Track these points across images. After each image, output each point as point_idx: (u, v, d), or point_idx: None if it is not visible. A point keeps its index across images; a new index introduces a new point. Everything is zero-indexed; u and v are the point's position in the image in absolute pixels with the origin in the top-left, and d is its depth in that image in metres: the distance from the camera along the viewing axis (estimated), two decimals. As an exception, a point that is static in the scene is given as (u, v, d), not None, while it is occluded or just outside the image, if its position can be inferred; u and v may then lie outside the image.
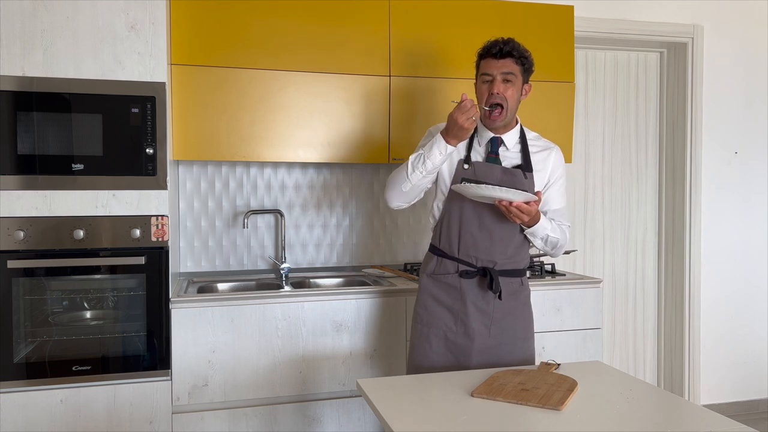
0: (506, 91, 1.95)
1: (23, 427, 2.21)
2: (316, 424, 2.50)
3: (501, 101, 1.94)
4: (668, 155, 3.72)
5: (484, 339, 2.01)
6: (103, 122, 2.26)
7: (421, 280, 2.12)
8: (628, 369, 3.73)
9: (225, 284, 2.77)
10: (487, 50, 1.97)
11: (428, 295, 2.08)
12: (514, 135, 2.04)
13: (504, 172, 1.99)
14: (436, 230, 2.11)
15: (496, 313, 2.02)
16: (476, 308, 2.02)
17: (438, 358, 2.04)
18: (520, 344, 2.06)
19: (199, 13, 2.55)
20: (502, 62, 1.94)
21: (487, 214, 1.99)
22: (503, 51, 1.93)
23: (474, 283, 2.02)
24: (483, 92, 1.98)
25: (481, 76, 1.99)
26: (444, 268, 2.06)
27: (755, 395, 3.76)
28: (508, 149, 2.03)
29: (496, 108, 1.95)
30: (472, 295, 2.02)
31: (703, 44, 3.56)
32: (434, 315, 2.06)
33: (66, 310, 2.32)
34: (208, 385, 2.37)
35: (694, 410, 1.53)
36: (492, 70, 1.95)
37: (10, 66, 2.18)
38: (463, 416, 1.43)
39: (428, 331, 2.06)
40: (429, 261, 2.12)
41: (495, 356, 2.02)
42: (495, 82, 1.94)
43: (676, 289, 3.68)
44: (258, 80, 2.62)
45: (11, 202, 2.20)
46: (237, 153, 2.62)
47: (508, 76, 1.95)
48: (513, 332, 2.04)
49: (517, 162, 2.03)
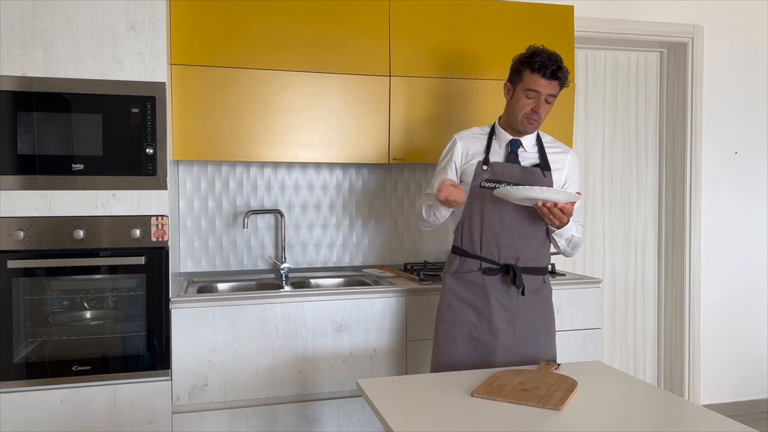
0: (546, 111, 2.04)
1: (23, 427, 2.21)
2: (316, 424, 2.50)
3: (540, 120, 2.04)
4: (668, 155, 3.72)
5: (508, 336, 2.05)
6: (103, 122, 2.26)
7: (445, 280, 2.16)
8: (628, 369, 3.73)
9: (225, 284, 2.77)
10: (541, 67, 1.98)
11: (452, 293, 2.12)
12: (532, 138, 2.12)
13: (523, 170, 2.05)
14: (458, 231, 2.14)
15: (519, 310, 2.06)
16: (500, 305, 2.05)
17: (463, 355, 2.07)
18: (542, 342, 2.10)
19: (199, 13, 2.55)
20: (552, 84, 2.00)
21: (508, 213, 2.04)
22: (556, 75, 1.99)
23: (497, 280, 2.06)
24: (525, 106, 2.02)
25: (525, 91, 2.02)
26: (467, 267, 2.10)
27: (755, 395, 3.76)
28: (526, 150, 2.10)
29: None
30: (495, 292, 2.06)
31: (703, 44, 3.56)
32: (458, 313, 2.09)
33: (66, 310, 2.32)
34: (208, 385, 2.37)
35: (694, 410, 1.53)
36: (540, 89, 2.00)
37: (10, 66, 2.18)
38: (463, 416, 1.43)
39: (453, 330, 2.10)
40: (452, 261, 2.15)
41: (518, 353, 2.06)
42: (539, 101, 2.01)
43: (676, 289, 3.68)
44: (258, 80, 2.62)
45: (11, 202, 2.20)
46: (237, 153, 2.62)
47: (551, 98, 2.03)
48: (535, 329, 2.09)
49: (535, 161, 2.09)
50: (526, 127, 2.05)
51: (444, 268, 2.22)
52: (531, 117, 2.02)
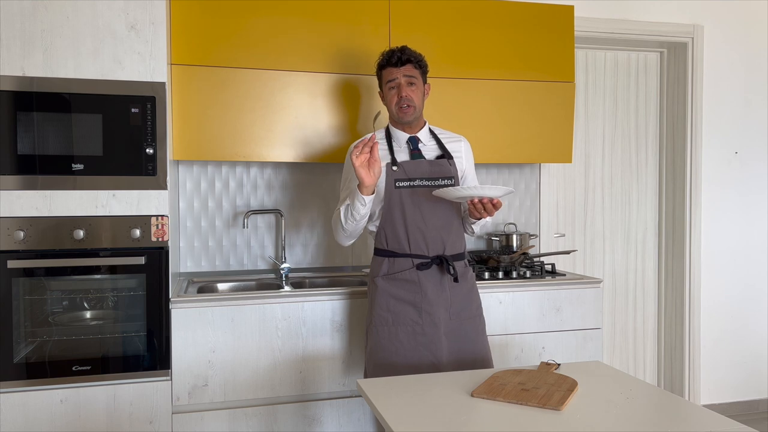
0: (413, 93, 2.16)
1: (23, 427, 2.21)
2: (316, 424, 2.50)
3: (410, 103, 2.15)
4: (668, 155, 3.72)
5: (447, 323, 2.14)
6: (103, 122, 2.26)
7: (376, 284, 2.18)
8: (628, 369, 3.73)
9: (225, 284, 2.77)
10: (387, 60, 2.17)
11: (387, 295, 2.15)
12: (426, 132, 2.25)
13: (431, 164, 2.17)
14: (380, 233, 2.20)
15: (453, 297, 2.16)
16: (436, 296, 2.13)
17: (410, 353, 2.11)
18: (478, 321, 2.20)
19: (199, 13, 2.55)
20: (405, 68, 2.16)
21: (427, 207, 2.14)
22: (402, 59, 2.15)
23: (430, 273, 2.13)
24: (393, 97, 2.17)
25: (386, 85, 2.19)
26: (398, 266, 2.15)
27: (755, 395, 3.76)
28: (425, 144, 2.22)
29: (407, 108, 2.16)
30: (429, 285, 2.13)
31: (703, 44, 3.56)
32: (399, 313, 2.14)
33: (66, 310, 2.32)
34: (208, 385, 2.37)
35: (694, 410, 1.53)
36: (395, 75, 2.16)
37: (10, 66, 2.18)
38: (463, 416, 1.43)
39: (397, 330, 2.13)
40: (380, 264, 2.19)
41: (460, 337, 2.16)
42: (401, 87, 2.15)
43: (676, 289, 3.68)
44: (258, 80, 2.62)
45: (11, 202, 2.20)
46: (237, 153, 2.62)
47: (412, 80, 2.16)
48: (469, 311, 2.19)
49: (437, 153, 2.21)
50: (403, 116, 2.16)
51: (370, 273, 2.25)
52: (401, 103, 2.14)
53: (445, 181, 2.15)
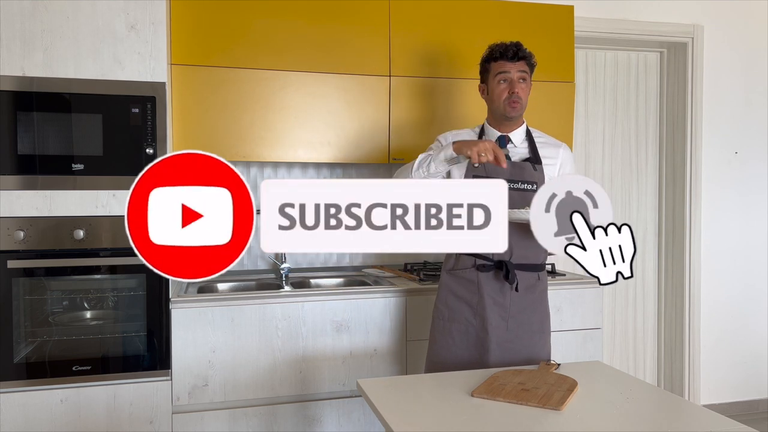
0: (524, 93, 2.09)
1: (23, 427, 2.21)
2: (316, 424, 2.50)
3: (519, 99, 2.07)
4: (668, 155, 3.72)
5: (501, 332, 2.06)
6: (103, 122, 2.26)
7: (442, 277, 2.18)
8: (628, 369, 3.73)
9: (225, 284, 2.76)
10: (502, 53, 2.07)
11: (448, 290, 2.14)
12: (521, 133, 2.14)
13: (513, 165, 2.07)
14: None
15: (513, 306, 2.07)
16: (493, 301, 2.07)
17: (461, 351, 2.09)
18: (536, 338, 2.10)
19: (199, 13, 2.55)
20: (519, 64, 2.07)
21: None
22: (519, 55, 2.06)
23: (490, 276, 2.07)
24: (502, 91, 2.07)
25: (497, 78, 2.08)
26: (462, 264, 2.11)
27: (755, 395, 3.76)
28: (516, 146, 2.12)
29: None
30: (488, 288, 2.07)
31: (703, 44, 3.56)
32: (454, 310, 2.11)
33: (66, 310, 2.32)
34: (208, 385, 2.37)
35: (694, 410, 1.53)
36: (508, 69, 2.06)
37: (10, 66, 2.18)
38: (463, 416, 1.43)
39: (450, 326, 2.11)
40: (448, 258, 2.17)
41: (512, 350, 2.07)
42: (513, 82, 2.05)
43: (676, 289, 3.68)
44: (258, 80, 2.62)
45: (11, 202, 2.20)
46: (237, 153, 2.62)
47: (523, 77, 2.08)
48: (529, 326, 2.09)
49: (525, 156, 2.12)
50: (511, 111, 2.07)
51: (442, 266, 2.23)
52: (511, 99, 2.06)
53: (525, 185, 2.05)
